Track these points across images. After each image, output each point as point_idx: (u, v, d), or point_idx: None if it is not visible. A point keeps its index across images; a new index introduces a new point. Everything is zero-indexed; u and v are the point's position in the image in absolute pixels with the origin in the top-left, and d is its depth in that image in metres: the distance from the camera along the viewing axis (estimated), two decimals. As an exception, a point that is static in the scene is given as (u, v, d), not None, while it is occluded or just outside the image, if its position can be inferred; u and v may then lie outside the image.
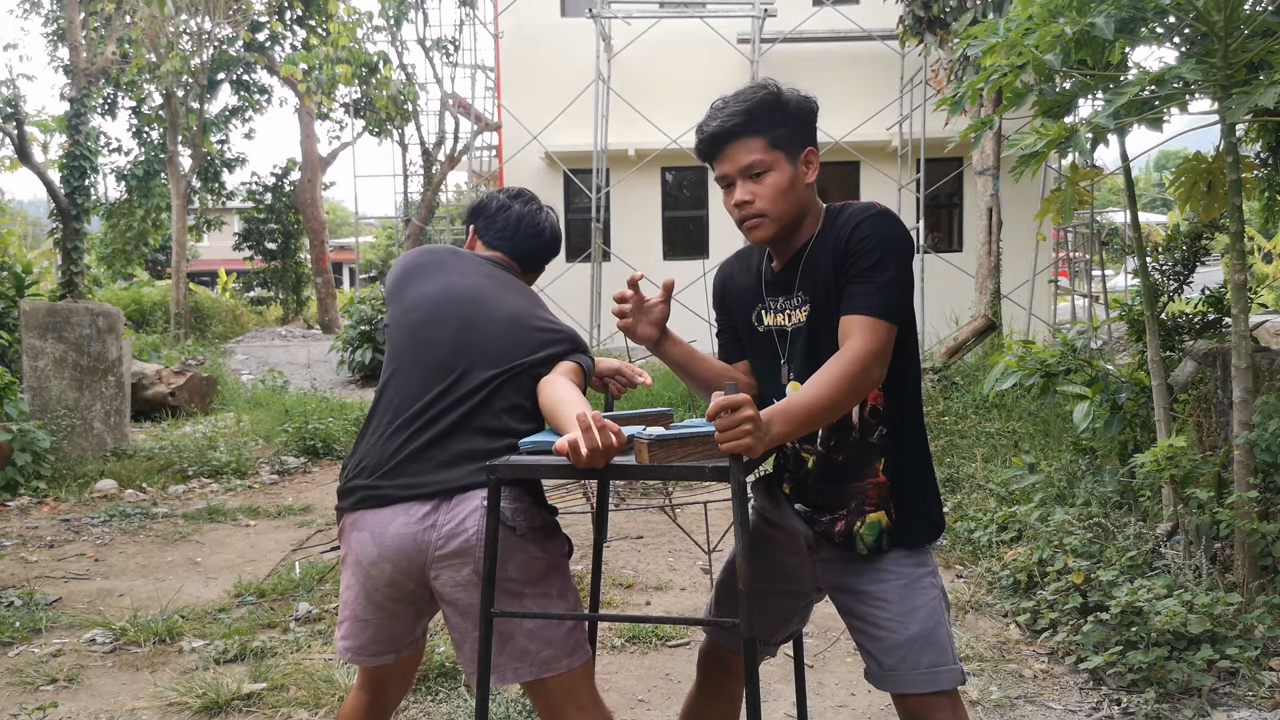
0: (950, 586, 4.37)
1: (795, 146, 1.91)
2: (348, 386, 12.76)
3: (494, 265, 2.20)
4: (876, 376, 1.80)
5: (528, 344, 2.02)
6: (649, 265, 12.84)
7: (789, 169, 1.90)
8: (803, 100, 1.93)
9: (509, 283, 2.16)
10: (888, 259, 1.83)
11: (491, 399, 1.96)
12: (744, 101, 1.89)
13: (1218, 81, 3.36)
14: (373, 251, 37.76)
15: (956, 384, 7.96)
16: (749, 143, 1.89)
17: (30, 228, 25.27)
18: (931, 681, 1.88)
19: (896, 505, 1.93)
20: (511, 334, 2.03)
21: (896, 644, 1.90)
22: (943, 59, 10.42)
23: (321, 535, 5.58)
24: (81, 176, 12.98)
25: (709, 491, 5.30)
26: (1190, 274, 4.97)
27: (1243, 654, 3.23)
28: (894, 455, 1.93)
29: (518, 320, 2.05)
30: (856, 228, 1.87)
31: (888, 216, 1.89)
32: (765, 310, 2.02)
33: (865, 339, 1.78)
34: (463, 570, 1.89)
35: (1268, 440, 3.47)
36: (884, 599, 1.92)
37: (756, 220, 1.93)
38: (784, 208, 1.91)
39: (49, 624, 4.14)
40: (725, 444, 1.62)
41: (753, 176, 1.90)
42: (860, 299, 1.82)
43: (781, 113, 1.90)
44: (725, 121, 1.89)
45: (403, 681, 2.19)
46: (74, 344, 7.59)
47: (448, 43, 14.37)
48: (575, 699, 1.93)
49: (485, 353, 1.99)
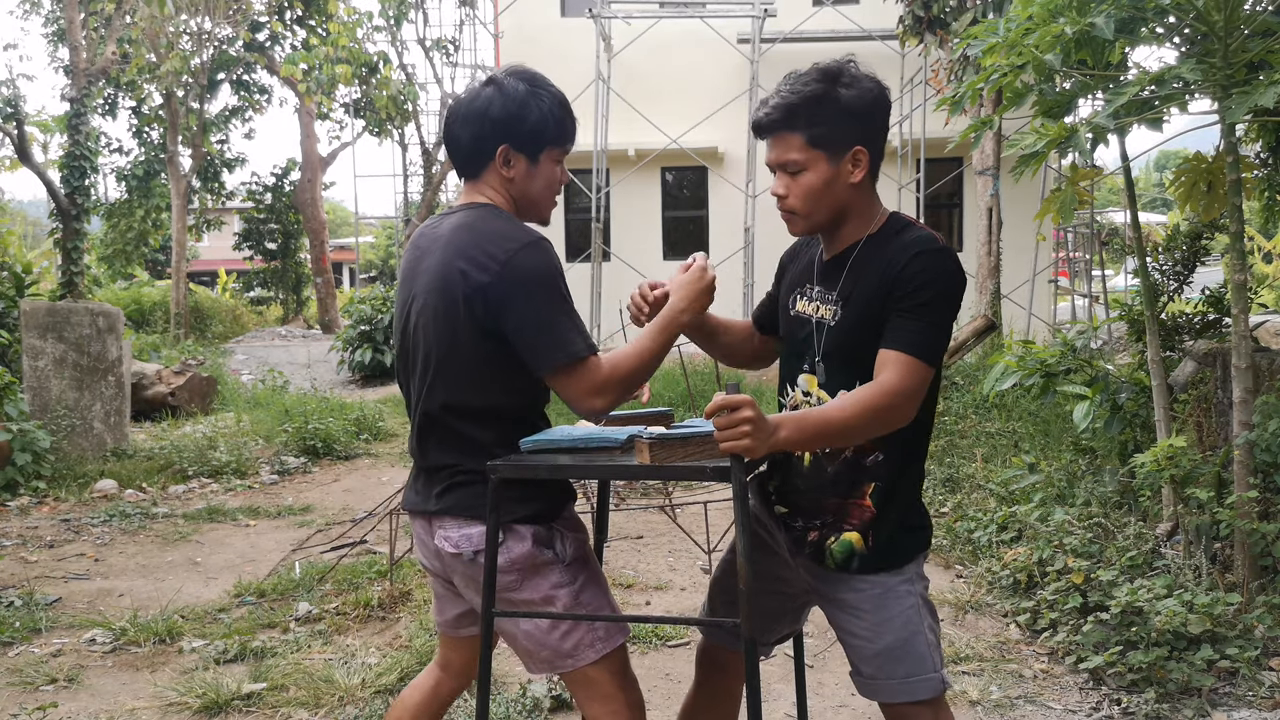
0: (950, 586, 4.37)
1: (839, 145, 1.83)
2: (348, 386, 12.76)
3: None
4: (905, 415, 1.76)
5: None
6: (649, 265, 12.85)
7: (827, 169, 1.84)
8: (864, 94, 1.84)
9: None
10: (940, 301, 1.78)
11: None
12: (792, 93, 1.83)
13: (1218, 81, 3.36)
14: (373, 251, 37.79)
15: (956, 384, 7.96)
16: (788, 138, 1.84)
17: (30, 228, 25.28)
18: (907, 692, 1.88)
19: (875, 533, 1.88)
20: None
21: (872, 654, 1.90)
22: (943, 59, 10.42)
23: (321, 535, 5.58)
24: (81, 176, 12.99)
25: (709, 491, 5.30)
26: (1190, 274, 4.97)
27: (1243, 654, 3.23)
28: (886, 484, 1.88)
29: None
30: (916, 257, 1.80)
31: (949, 255, 1.82)
32: (802, 295, 1.99)
33: (902, 376, 1.74)
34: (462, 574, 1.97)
35: (1268, 440, 3.47)
36: (859, 608, 1.90)
37: (789, 216, 1.91)
38: (815, 207, 1.87)
39: (49, 624, 4.14)
40: (724, 444, 1.61)
41: (790, 172, 1.87)
42: (904, 335, 1.77)
43: (827, 110, 1.81)
44: (769, 113, 1.85)
45: (469, 662, 2.20)
46: (74, 344, 7.59)
47: (448, 43, 14.39)
48: (592, 690, 1.94)
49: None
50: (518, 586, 1.90)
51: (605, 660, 1.94)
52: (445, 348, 1.89)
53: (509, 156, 1.95)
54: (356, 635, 3.96)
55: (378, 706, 3.21)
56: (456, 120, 1.97)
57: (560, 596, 1.92)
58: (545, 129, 1.95)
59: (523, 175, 1.97)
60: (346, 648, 3.79)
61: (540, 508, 1.92)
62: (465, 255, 1.86)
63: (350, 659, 3.63)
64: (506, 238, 1.86)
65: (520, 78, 1.97)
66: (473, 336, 1.86)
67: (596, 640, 1.93)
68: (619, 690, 1.95)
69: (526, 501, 1.89)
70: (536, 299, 1.83)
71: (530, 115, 1.94)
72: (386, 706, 3.21)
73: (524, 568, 1.89)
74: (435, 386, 1.92)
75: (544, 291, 1.84)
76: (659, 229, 14.25)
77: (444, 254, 1.89)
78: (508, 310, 1.83)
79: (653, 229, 14.20)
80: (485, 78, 2.02)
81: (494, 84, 1.95)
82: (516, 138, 1.94)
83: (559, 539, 1.93)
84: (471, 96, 1.97)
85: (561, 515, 1.97)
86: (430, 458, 1.96)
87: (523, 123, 1.94)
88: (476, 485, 1.89)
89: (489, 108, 1.93)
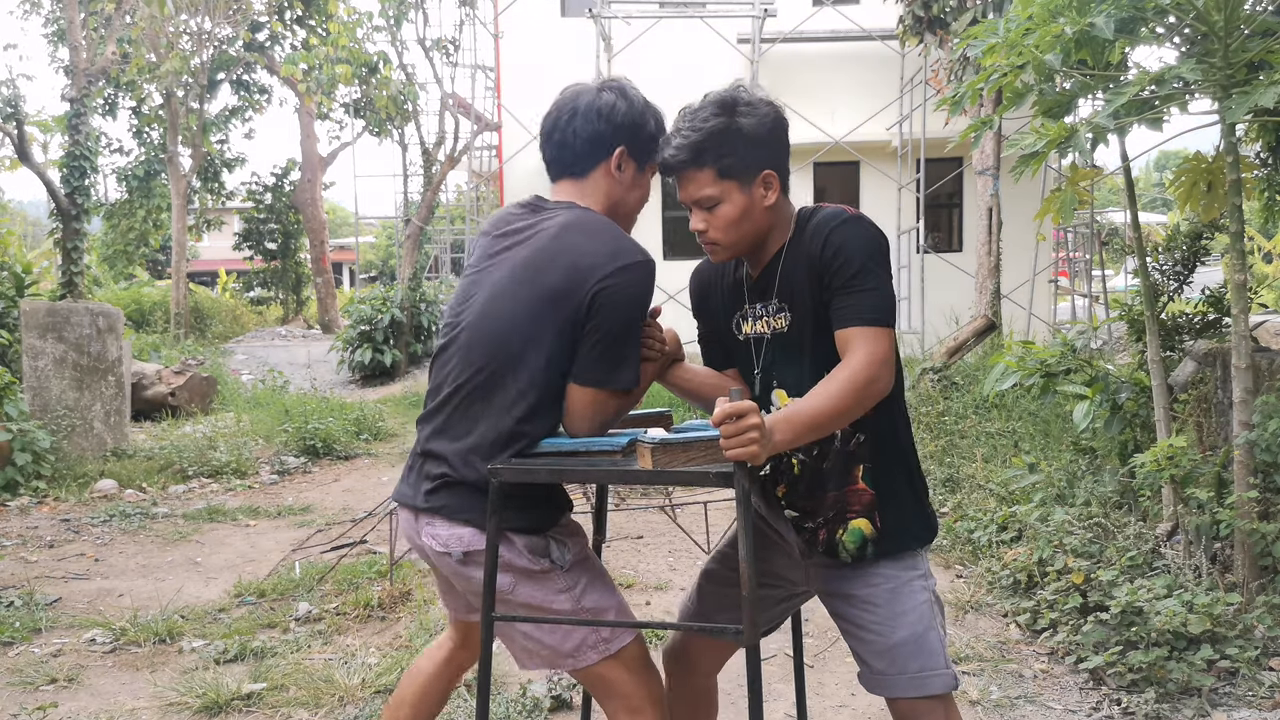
0: (950, 586, 4.37)
1: (749, 172, 1.86)
2: (348, 386, 12.77)
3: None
4: (886, 383, 1.77)
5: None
6: (649, 265, 12.82)
7: (742, 198, 1.86)
8: (762, 119, 1.86)
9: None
10: (870, 264, 1.81)
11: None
12: (694, 130, 1.84)
13: (1218, 81, 3.36)
14: (373, 251, 37.81)
15: (956, 384, 7.96)
16: (697, 175, 1.86)
17: (30, 228, 25.30)
18: (920, 686, 1.88)
19: (881, 514, 1.90)
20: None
21: (885, 648, 1.90)
22: (943, 59, 10.43)
23: (321, 535, 5.58)
24: (81, 176, 12.98)
25: (709, 492, 5.30)
26: (1190, 274, 4.97)
27: (1243, 654, 3.23)
28: (874, 463, 1.90)
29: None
30: (829, 237, 1.83)
31: (859, 221, 1.86)
32: (744, 318, 2.01)
33: (868, 347, 1.76)
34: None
35: (1268, 440, 3.47)
36: (872, 603, 1.91)
37: (711, 247, 1.93)
38: (737, 236, 1.90)
39: (49, 624, 4.14)
40: (731, 451, 1.61)
41: (705, 208, 1.88)
42: (853, 310, 1.80)
43: (732, 140, 1.83)
44: (674, 153, 1.86)
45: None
46: (74, 344, 7.59)
47: (448, 43, 14.36)
48: (608, 688, 1.94)
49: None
50: (513, 589, 1.89)
51: (616, 658, 1.92)
52: (521, 341, 1.86)
53: (623, 160, 1.99)
54: (356, 635, 3.96)
55: (378, 706, 3.21)
56: (575, 116, 1.98)
57: (561, 601, 1.90)
58: (655, 142, 2.00)
59: (628, 182, 2.02)
60: (346, 648, 3.79)
61: (535, 519, 1.89)
62: (580, 253, 1.86)
63: (350, 659, 3.63)
64: (622, 248, 1.88)
65: (634, 89, 2.04)
66: (558, 335, 1.85)
67: (600, 641, 1.92)
68: (636, 686, 1.93)
69: (521, 511, 1.87)
70: (624, 316, 1.87)
71: (649, 125, 2.00)
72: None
73: (518, 574, 1.88)
74: (496, 375, 1.88)
75: (636, 312, 1.89)
76: (659, 229, 14.24)
77: (550, 248, 1.89)
78: (601, 315, 1.84)
79: (652, 229, 14.18)
80: (599, 83, 2.05)
81: (615, 89, 2.00)
82: (635, 143, 1.99)
83: (555, 546, 1.91)
84: (590, 96, 1.99)
85: (558, 524, 1.95)
86: (432, 443, 1.93)
87: (643, 130, 1.99)
88: (467, 486, 1.86)
89: (613, 109, 1.97)
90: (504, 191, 14.61)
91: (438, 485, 1.90)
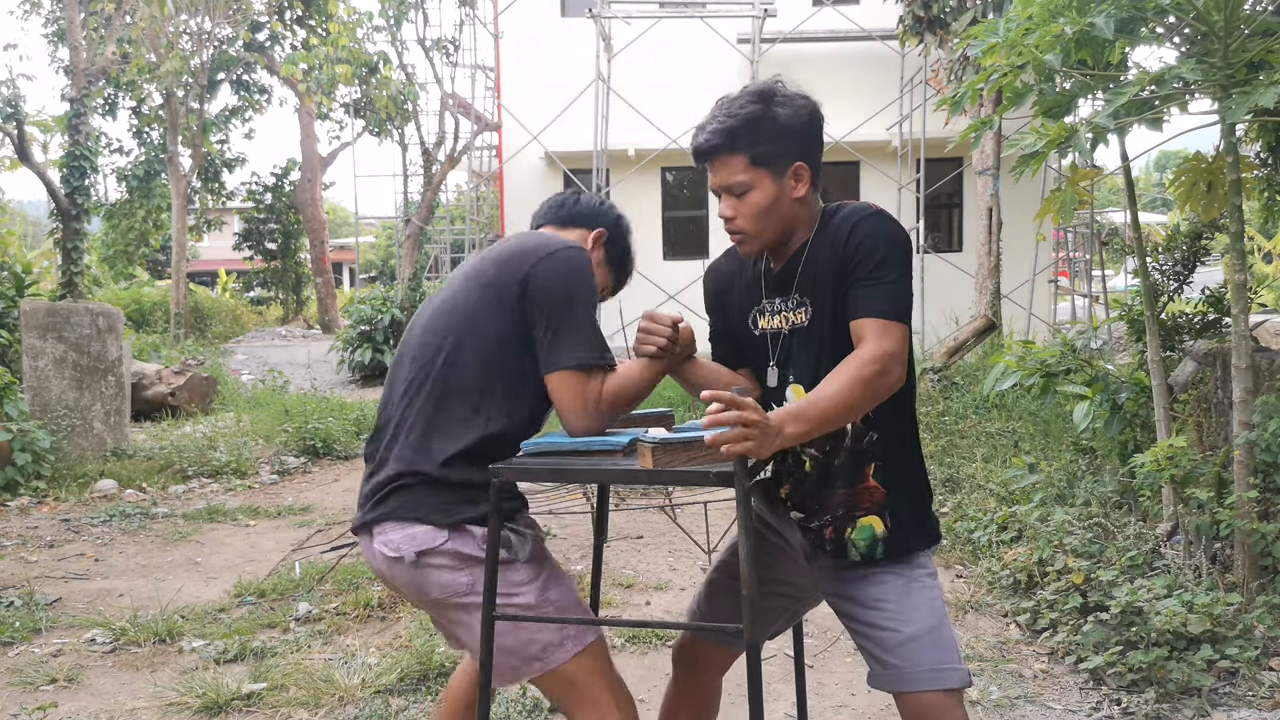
0: (950, 586, 4.37)
1: (781, 162, 1.87)
2: (348, 386, 12.76)
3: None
4: (897, 377, 1.78)
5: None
6: (649, 265, 12.84)
7: (772, 187, 1.87)
8: (798, 111, 1.88)
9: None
10: (891, 259, 1.82)
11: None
12: (730, 116, 1.86)
13: (1218, 81, 3.36)
14: (373, 251, 37.80)
15: (956, 384, 7.96)
16: (730, 161, 1.87)
17: (30, 228, 25.30)
18: (937, 680, 1.84)
19: (893, 512, 1.90)
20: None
21: (899, 642, 1.86)
22: (943, 59, 10.43)
23: (321, 535, 5.57)
24: (81, 176, 12.97)
25: (709, 492, 5.30)
26: (1190, 274, 4.97)
27: (1243, 654, 3.23)
28: (885, 461, 1.90)
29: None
30: (854, 229, 1.85)
31: (884, 217, 1.87)
32: (761, 313, 2.00)
33: (881, 340, 1.76)
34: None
35: (1268, 440, 3.47)
36: (882, 599, 1.90)
37: (740, 236, 1.93)
38: (765, 226, 1.90)
39: (49, 624, 4.14)
40: (726, 447, 1.60)
41: (736, 194, 1.89)
42: (870, 301, 1.80)
43: (767, 129, 1.85)
44: (709, 138, 1.88)
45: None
46: (74, 344, 7.59)
47: (448, 43, 14.34)
48: (579, 695, 1.90)
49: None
50: (474, 586, 1.86)
51: (582, 659, 1.89)
52: (461, 333, 1.96)
53: (597, 246, 2.20)
54: (356, 635, 3.96)
55: (377, 706, 3.21)
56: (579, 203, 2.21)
57: (525, 594, 1.88)
58: (627, 255, 2.27)
59: (597, 260, 2.18)
60: (346, 648, 3.79)
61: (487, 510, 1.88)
62: (513, 250, 2.01)
63: (350, 659, 3.63)
64: (554, 241, 2.00)
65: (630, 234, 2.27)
66: (498, 323, 1.96)
67: (566, 639, 1.88)
68: (605, 691, 1.90)
69: (474, 505, 1.86)
70: (562, 294, 1.95)
71: (625, 239, 2.27)
72: (386, 706, 3.21)
73: (477, 569, 1.86)
74: (443, 369, 1.94)
75: (574, 289, 1.99)
76: (659, 229, 14.24)
77: (488, 255, 2.04)
78: (538, 298, 1.93)
79: (653, 229, 14.19)
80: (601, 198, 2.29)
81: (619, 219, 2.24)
82: (611, 249, 2.22)
83: (513, 537, 1.90)
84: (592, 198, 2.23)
85: (514, 517, 1.94)
86: (382, 453, 1.95)
87: (622, 241, 2.25)
88: (420, 484, 1.86)
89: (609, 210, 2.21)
90: (504, 191, 14.62)
91: (388, 491, 1.89)
